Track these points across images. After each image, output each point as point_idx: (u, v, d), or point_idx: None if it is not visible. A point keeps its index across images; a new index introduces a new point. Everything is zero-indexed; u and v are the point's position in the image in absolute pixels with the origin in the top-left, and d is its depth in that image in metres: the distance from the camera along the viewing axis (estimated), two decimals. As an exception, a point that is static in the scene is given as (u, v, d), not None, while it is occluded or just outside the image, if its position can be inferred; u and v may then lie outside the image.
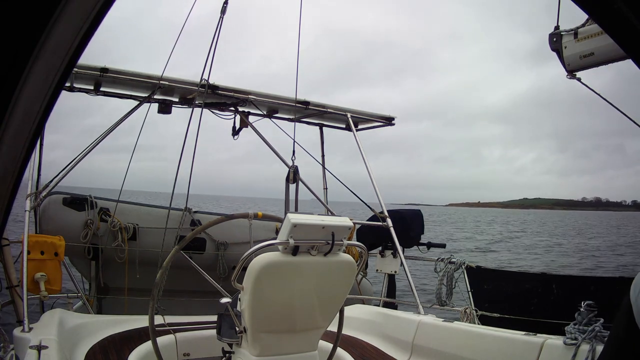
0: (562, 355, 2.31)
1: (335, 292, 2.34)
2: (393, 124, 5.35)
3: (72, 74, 3.60)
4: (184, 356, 2.84)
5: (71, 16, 0.65)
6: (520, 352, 2.51)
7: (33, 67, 0.66)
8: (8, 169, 0.77)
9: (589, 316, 2.35)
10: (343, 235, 2.20)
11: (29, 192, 3.59)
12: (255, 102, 4.70)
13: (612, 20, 0.74)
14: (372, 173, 4.80)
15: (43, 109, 0.74)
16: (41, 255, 3.39)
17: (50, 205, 4.35)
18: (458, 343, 2.81)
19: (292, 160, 4.39)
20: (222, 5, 3.96)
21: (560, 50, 3.29)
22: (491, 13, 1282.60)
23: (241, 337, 2.25)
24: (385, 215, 4.57)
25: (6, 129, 0.70)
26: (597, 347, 2.23)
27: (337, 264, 2.24)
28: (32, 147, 0.79)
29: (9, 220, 0.88)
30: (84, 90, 4.14)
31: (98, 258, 4.58)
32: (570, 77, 3.30)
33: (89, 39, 0.69)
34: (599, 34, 3.01)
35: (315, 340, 2.40)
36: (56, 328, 2.60)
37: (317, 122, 5.44)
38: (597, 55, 3.10)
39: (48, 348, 2.26)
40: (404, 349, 3.06)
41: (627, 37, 0.75)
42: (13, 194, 0.80)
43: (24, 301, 2.83)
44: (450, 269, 4.87)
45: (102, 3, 0.66)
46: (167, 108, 4.47)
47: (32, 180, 3.81)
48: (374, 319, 3.41)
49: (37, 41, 0.65)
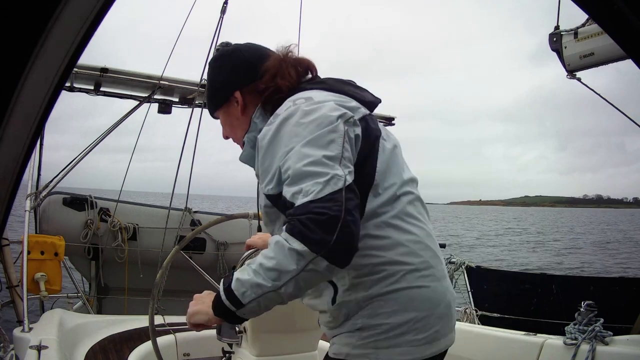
0: (562, 355, 2.31)
1: (335, 292, 2.34)
2: (393, 124, 5.35)
3: (72, 74, 3.60)
4: (184, 356, 2.84)
5: (71, 16, 0.65)
6: (520, 352, 2.51)
7: (33, 67, 0.66)
8: (8, 169, 0.77)
9: (589, 316, 2.35)
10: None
11: (29, 192, 3.59)
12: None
13: (612, 20, 0.74)
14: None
15: (43, 109, 0.74)
16: (41, 255, 3.39)
17: (50, 205, 4.35)
18: (458, 343, 2.79)
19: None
20: (222, 5, 3.96)
21: (560, 50, 3.30)
22: (494, 14, 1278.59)
23: (241, 337, 2.25)
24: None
25: (6, 129, 0.70)
26: (597, 347, 2.23)
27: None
28: (32, 147, 0.79)
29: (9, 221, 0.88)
30: (84, 90, 4.14)
31: (98, 258, 4.58)
32: (571, 77, 3.31)
33: (89, 39, 0.69)
34: (599, 34, 3.02)
35: (315, 340, 2.40)
36: (56, 328, 2.60)
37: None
38: (597, 55, 3.10)
39: (48, 348, 2.25)
40: (404, 349, 3.06)
41: (627, 37, 0.75)
42: (13, 194, 0.80)
43: (24, 301, 2.83)
44: (450, 269, 4.87)
45: (102, 3, 0.66)
46: (167, 108, 4.47)
47: (32, 180, 3.81)
48: (374, 319, 3.40)
49: (37, 41, 0.65)
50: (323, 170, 1.14)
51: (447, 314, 1.32)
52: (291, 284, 1.13)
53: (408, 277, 1.25)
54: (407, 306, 1.24)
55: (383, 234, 1.26)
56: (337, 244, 1.09)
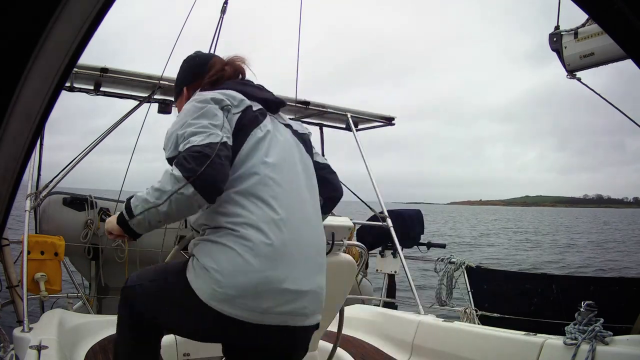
0: (562, 355, 2.31)
1: (335, 292, 2.34)
2: (393, 124, 5.35)
3: (72, 74, 3.60)
4: (184, 356, 2.83)
5: (71, 16, 0.65)
6: (520, 352, 2.51)
7: (33, 67, 0.67)
8: (8, 169, 0.77)
9: (589, 316, 2.35)
10: (343, 235, 2.20)
11: (29, 192, 3.58)
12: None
13: (612, 20, 0.74)
14: (372, 173, 4.80)
15: (43, 109, 0.74)
16: (41, 255, 3.39)
17: (50, 205, 4.35)
18: (458, 343, 2.81)
19: (292, 160, 4.38)
20: (222, 5, 3.96)
21: (560, 50, 3.30)
22: (494, 14, 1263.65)
23: (241, 337, 2.25)
24: (385, 215, 4.57)
25: (6, 129, 0.70)
26: (597, 347, 2.23)
27: (337, 264, 2.24)
28: (32, 147, 0.79)
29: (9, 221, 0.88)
30: (84, 90, 4.14)
31: (98, 258, 4.58)
32: (570, 77, 3.31)
33: (89, 39, 0.69)
34: (599, 34, 3.02)
35: (315, 341, 2.40)
36: (56, 328, 2.60)
37: (317, 122, 5.43)
38: (597, 55, 3.10)
39: (48, 348, 2.25)
40: (404, 349, 3.06)
41: (627, 37, 0.75)
42: (13, 194, 0.80)
43: (24, 301, 2.82)
44: (450, 269, 4.87)
45: (102, 3, 0.66)
46: (167, 108, 4.46)
47: (32, 180, 3.81)
48: (374, 319, 3.41)
49: (37, 41, 0.65)
50: (207, 130, 1.51)
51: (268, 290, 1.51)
52: (166, 204, 1.45)
53: (231, 239, 1.51)
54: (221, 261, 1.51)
55: (230, 204, 1.54)
56: (204, 174, 1.41)
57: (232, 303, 1.49)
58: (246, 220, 1.52)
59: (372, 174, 4.78)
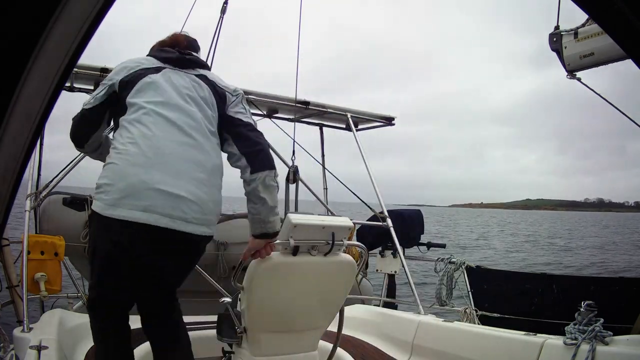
0: (562, 355, 2.31)
1: (336, 292, 2.35)
2: (393, 124, 5.34)
3: (72, 74, 3.60)
4: (184, 356, 2.83)
5: (71, 16, 0.65)
6: (520, 352, 2.51)
7: (33, 67, 0.67)
8: (8, 169, 0.77)
9: (589, 316, 2.35)
10: (343, 235, 2.20)
11: (29, 192, 3.58)
12: (255, 102, 4.70)
13: (612, 20, 0.74)
14: (373, 173, 4.79)
15: (43, 109, 0.74)
16: (41, 255, 3.39)
17: (50, 205, 4.34)
18: (458, 343, 2.81)
19: (292, 160, 4.39)
20: (222, 5, 3.96)
21: (560, 51, 3.29)
22: (494, 15, 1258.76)
23: (241, 337, 2.25)
24: (385, 216, 4.57)
25: (6, 129, 0.70)
26: (597, 347, 2.23)
27: (337, 264, 2.24)
28: (32, 147, 0.79)
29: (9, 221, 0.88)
30: (84, 90, 4.14)
31: (98, 258, 4.58)
32: (570, 77, 3.30)
33: (89, 39, 0.69)
34: (599, 34, 3.01)
35: (315, 341, 2.40)
36: (56, 328, 2.60)
37: (317, 122, 5.43)
38: (597, 55, 3.10)
39: (48, 348, 2.25)
40: (404, 349, 3.06)
41: (627, 37, 0.75)
42: (13, 194, 0.80)
43: (24, 301, 2.82)
44: (450, 269, 4.87)
45: (102, 3, 0.66)
46: (167, 108, 4.47)
47: (32, 180, 3.81)
48: (374, 319, 3.41)
49: (37, 41, 0.65)
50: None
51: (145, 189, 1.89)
52: None
53: (114, 156, 1.97)
54: (107, 174, 1.96)
55: (121, 129, 2.03)
56: (72, 126, 2.20)
57: (118, 205, 1.86)
58: (127, 140, 1.96)
59: (372, 174, 4.78)
